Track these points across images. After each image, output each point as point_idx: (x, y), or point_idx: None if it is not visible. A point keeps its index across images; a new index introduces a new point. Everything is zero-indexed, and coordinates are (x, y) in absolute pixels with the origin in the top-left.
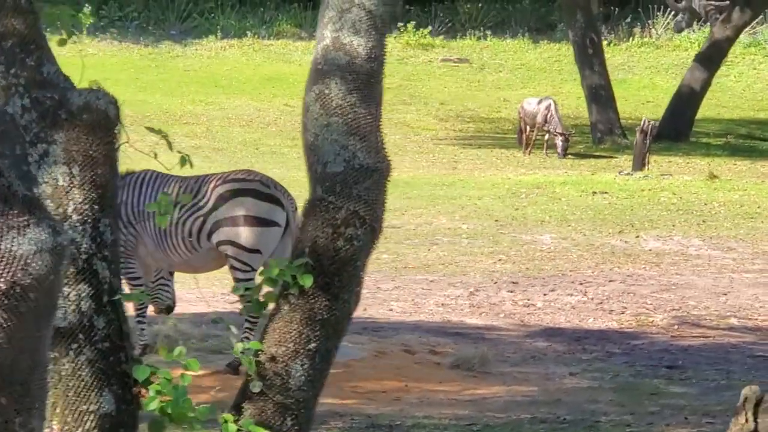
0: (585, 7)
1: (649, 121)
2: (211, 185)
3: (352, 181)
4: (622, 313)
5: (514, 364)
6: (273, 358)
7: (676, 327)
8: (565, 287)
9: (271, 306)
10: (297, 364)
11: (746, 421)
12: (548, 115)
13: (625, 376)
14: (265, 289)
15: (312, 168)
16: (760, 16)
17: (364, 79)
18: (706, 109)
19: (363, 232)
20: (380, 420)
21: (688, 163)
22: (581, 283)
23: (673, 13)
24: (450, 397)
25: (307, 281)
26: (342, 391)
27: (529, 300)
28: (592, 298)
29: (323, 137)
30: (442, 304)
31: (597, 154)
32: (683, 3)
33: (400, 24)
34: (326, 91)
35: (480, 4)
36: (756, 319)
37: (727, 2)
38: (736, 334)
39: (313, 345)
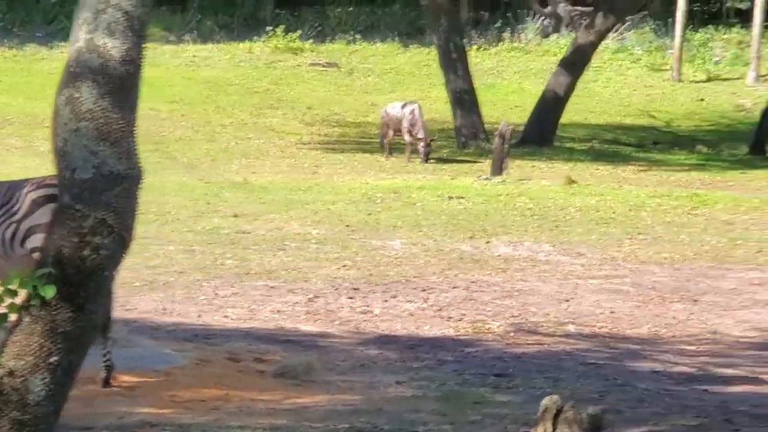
0: (449, 11)
1: (507, 126)
2: (25, 190)
3: (101, 188)
4: (460, 320)
5: (341, 373)
6: (11, 373)
7: (512, 334)
8: (406, 294)
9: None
10: (37, 379)
11: (545, 431)
12: (413, 120)
13: (452, 384)
14: (8, 300)
15: (61, 174)
16: (628, 22)
17: (118, 83)
18: (573, 114)
19: (111, 241)
20: (193, 430)
21: (550, 168)
22: (424, 290)
23: (542, 18)
24: (270, 407)
25: (49, 292)
26: (160, 400)
27: (367, 307)
28: (432, 305)
29: (72, 142)
30: (279, 311)
31: (460, 158)
32: (549, 8)
33: (269, 28)
34: (77, 95)
35: (350, 8)
36: (594, 326)
37: (591, 8)
38: (571, 341)
39: (55, 358)
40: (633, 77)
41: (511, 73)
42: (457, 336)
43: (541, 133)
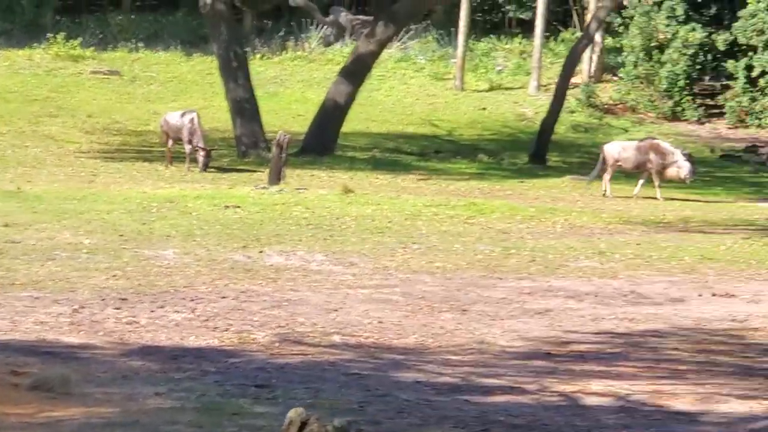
0: (229, 20)
1: (285, 135)
2: None
3: None
4: (226, 331)
5: (100, 385)
6: None
7: (277, 345)
8: (174, 304)
9: None
10: None
11: None
12: (192, 129)
13: (213, 395)
14: None
15: None
16: (412, 31)
17: None
18: (356, 123)
19: None
20: None
21: (330, 177)
22: (192, 300)
23: (324, 27)
24: (23, 420)
25: None
26: None
27: (134, 317)
28: (199, 315)
29: None
30: (42, 322)
31: (240, 168)
32: (331, 17)
33: (49, 35)
34: None
35: (132, 16)
36: (360, 336)
37: (372, 17)
38: (336, 351)
39: None
40: (416, 86)
41: (295, 81)
42: (222, 346)
43: (322, 142)
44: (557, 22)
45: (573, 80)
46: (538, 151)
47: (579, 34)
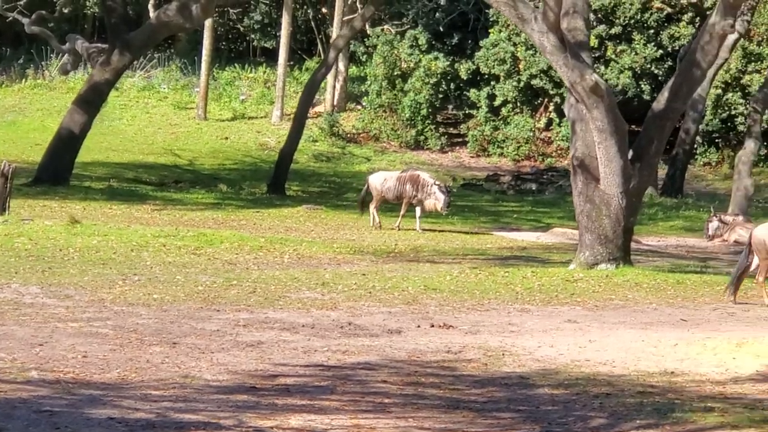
0: None
1: (9, 165)
2: None
3: None
4: None
5: None
6: None
7: None
8: None
9: None
10: None
11: None
12: None
13: None
14: None
15: None
16: (155, 60)
17: None
18: (96, 153)
19: None
20: None
21: (63, 207)
22: None
23: (63, 54)
24: None
25: None
26: None
27: None
28: None
29: None
30: None
31: None
32: (67, 45)
33: None
34: None
35: None
36: (60, 372)
37: (107, 45)
38: (30, 387)
39: None
40: (159, 115)
41: (34, 110)
42: None
43: (56, 171)
44: (302, 51)
45: (317, 109)
46: (276, 181)
47: None
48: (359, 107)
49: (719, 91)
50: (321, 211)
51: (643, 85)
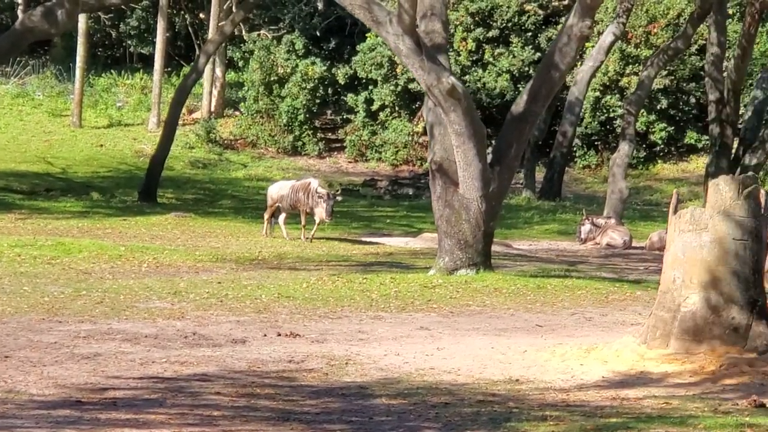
0: None
1: None
2: None
3: None
4: None
5: None
6: None
7: None
8: None
9: None
10: None
11: None
12: None
13: None
14: None
15: None
16: (29, 66)
17: None
18: None
19: None
20: None
21: None
22: None
23: None
24: None
25: None
26: None
27: None
28: None
29: None
30: None
31: None
32: None
33: None
34: None
35: None
36: None
37: None
38: None
39: None
40: (33, 123)
41: None
42: None
43: None
44: (180, 57)
45: (194, 116)
46: (147, 188)
47: None
48: (237, 113)
49: (597, 93)
50: (190, 218)
51: (521, 88)
